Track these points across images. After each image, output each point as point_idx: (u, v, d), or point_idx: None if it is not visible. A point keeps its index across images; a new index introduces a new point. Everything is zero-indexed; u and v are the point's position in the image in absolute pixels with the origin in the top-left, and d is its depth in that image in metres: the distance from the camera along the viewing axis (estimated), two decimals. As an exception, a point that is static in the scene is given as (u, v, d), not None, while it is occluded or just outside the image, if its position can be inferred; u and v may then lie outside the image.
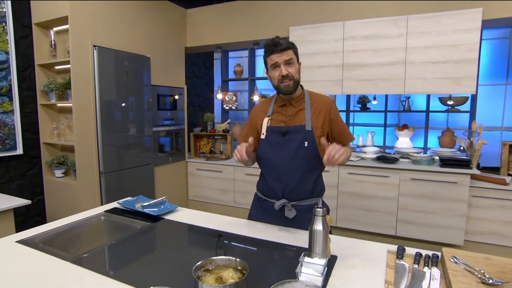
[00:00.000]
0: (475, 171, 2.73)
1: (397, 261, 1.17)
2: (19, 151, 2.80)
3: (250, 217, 1.64)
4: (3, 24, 2.64)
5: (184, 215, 1.69)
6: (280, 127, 1.49)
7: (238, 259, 1.04)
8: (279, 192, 1.50)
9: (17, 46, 2.75)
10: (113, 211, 1.75)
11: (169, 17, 3.84)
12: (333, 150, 1.27)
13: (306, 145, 1.45)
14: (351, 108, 4.39)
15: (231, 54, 5.31)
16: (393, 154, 3.37)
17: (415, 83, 2.98)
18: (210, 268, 1.05)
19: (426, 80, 2.93)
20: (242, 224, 1.56)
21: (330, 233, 1.55)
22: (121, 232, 1.54)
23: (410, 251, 1.26)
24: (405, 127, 3.85)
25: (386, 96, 4.09)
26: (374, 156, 3.28)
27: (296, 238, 1.38)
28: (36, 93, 2.90)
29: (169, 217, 1.66)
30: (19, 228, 1.47)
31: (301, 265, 1.07)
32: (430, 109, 3.80)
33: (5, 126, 2.69)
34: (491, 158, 3.64)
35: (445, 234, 2.85)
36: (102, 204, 2.97)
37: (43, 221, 3.02)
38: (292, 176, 1.47)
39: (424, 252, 1.24)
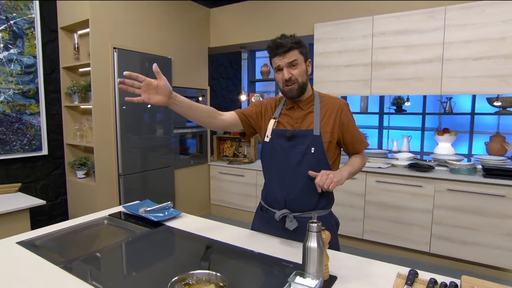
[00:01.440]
0: (525, 183, 2.44)
1: (404, 288, 1.05)
2: (45, 151, 2.98)
3: (253, 228, 1.59)
4: (32, 29, 2.84)
5: (186, 222, 1.68)
6: (286, 131, 1.43)
7: (218, 274, 1.00)
8: (281, 201, 1.43)
9: (44, 50, 2.94)
10: (118, 215, 1.78)
11: (192, 17, 3.90)
12: (322, 179, 1.24)
13: (312, 151, 1.38)
14: (385, 110, 4.16)
15: (258, 54, 5.29)
16: (429, 161, 3.13)
17: (454, 82, 2.73)
18: (191, 282, 1.01)
19: (466, 78, 2.68)
20: (244, 234, 1.51)
21: (338, 249, 1.46)
22: (118, 237, 1.56)
23: (424, 276, 1.13)
24: (446, 131, 3.56)
25: (424, 97, 3.83)
26: (406, 163, 3.06)
27: (297, 253, 1.30)
28: (60, 95, 3.09)
29: (171, 223, 1.65)
30: (42, 226, 1.57)
31: (289, 286, 1.00)
32: (476, 111, 3.48)
33: (32, 127, 2.88)
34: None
35: (489, 255, 2.58)
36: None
37: (66, 220, 3.19)
38: (296, 185, 1.39)
39: (440, 279, 1.10)
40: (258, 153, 4.36)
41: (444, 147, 3.57)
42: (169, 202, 1.86)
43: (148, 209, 1.78)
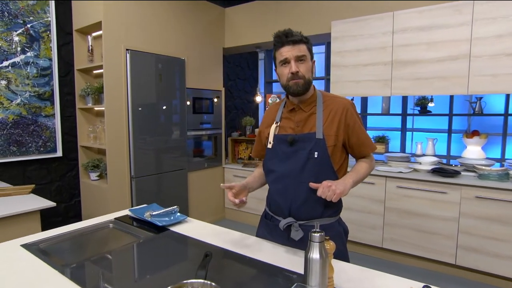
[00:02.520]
0: None
1: (415, 306, 0.99)
2: (59, 153, 3.08)
3: (258, 235, 1.56)
4: (48, 32, 2.94)
5: (191, 228, 1.67)
6: (287, 136, 1.38)
7: (214, 284, 0.97)
8: (285, 210, 1.39)
9: (59, 52, 3.04)
10: (124, 218, 1.80)
11: (206, 17, 3.93)
12: (323, 192, 1.20)
13: (316, 156, 1.32)
14: (408, 111, 4.01)
15: (275, 53, 5.26)
16: (455, 165, 2.98)
17: (483, 80, 2.59)
18: (186, 292, 0.99)
19: (497, 76, 2.53)
20: (248, 241, 1.48)
21: (347, 259, 1.40)
22: (122, 242, 1.57)
23: (439, 293, 1.06)
24: (475, 133, 3.39)
25: (451, 97, 3.66)
26: (430, 168, 2.93)
27: (302, 262, 1.25)
28: (75, 97, 3.18)
29: (175, 228, 1.65)
30: (56, 227, 1.62)
31: (289, 299, 0.96)
32: (510, 111, 3.29)
33: (47, 129, 2.98)
34: None
35: (522, 268, 2.42)
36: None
37: (80, 221, 3.27)
38: (300, 192, 1.35)
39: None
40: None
41: (473, 151, 3.39)
42: (176, 206, 1.85)
43: (154, 213, 1.78)
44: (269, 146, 1.44)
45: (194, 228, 1.65)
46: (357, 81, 3.17)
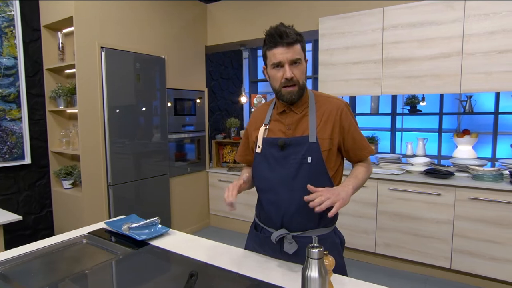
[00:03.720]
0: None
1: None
2: (27, 160, 2.90)
3: (247, 248, 1.47)
4: (11, 27, 2.76)
5: (174, 241, 1.56)
6: (278, 139, 1.29)
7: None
8: (277, 221, 1.30)
9: (26, 50, 2.86)
10: (99, 232, 1.67)
11: (187, 13, 3.81)
12: (316, 201, 1.09)
13: (309, 161, 1.24)
14: (398, 111, 4.01)
15: (259, 52, 5.19)
16: (448, 166, 2.98)
17: (476, 78, 2.58)
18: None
19: (490, 74, 2.53)
20: (237, 256, 1.39)
21: (345, 272, 1.32)
22: (96, 260, 1.45)
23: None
24: (466, 132, 3.41)
25: (441, 96, 3.67)
26: (423, 169, 2.91)
27: (298, 278, 1.17)
28: (44, 99, 3.01)
29: (157, 242, 1.54)
30: (25, 242, 1.47)
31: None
32: (500, 110, 3.32)
33: (13, 134, 2.80)
34: None
35: (518, 271, 2.41)
36: (109, 219, 2.97)
37: (52, 235, 3.09)
38: (293, 201, 1.26)
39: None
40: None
41: (464, 150, 3.41)
42: (156, 218, 1.74)
43: (133, 225, 1.66)
44: (258, 150, 1.36)
45: (178, 242, 1.55)
46: (346, 80, 3.13)
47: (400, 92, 2.93)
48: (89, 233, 1.66)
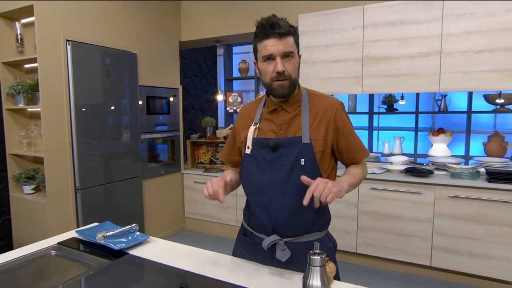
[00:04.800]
0: (534, 188, 2.39)
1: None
2: (-18, 164, 2.66)
3: (235, 254, 1.40)
4: (-37, 17, 2.52)
5: (154, 249, 1.47)
6: (269, 140, 1.24)
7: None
8: (268, 226, 1.24)
9: (-21, 42, 2.63)
10: (70, 243, 1.54)
11: (160, 6, 3.68)
12: (318, 189, 1.02)
13: (303, 163, 1.19)
14: (375, 110, 4.09)
15: (235, 49, 5.12)
16: (427, 164, 3.06)
17: (454, 78, 2.67)
18: None
19: (467, 74, 2.62)
20: (225, 262, 1.32)
21: (338, 277, 1.29)
22: (69, 274, 1.34)
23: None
24: (441, 131, 3.52)
25: (417, 94, 3.78)
26: (403, 167, 2.97)
27: (292, 285, 1.13)
28: (1, 96, 2.78)
29: (136, 251, 1.44)
30: None
31: None
32: (473, 109, 3.46)
33: (-35, 135, 2.56)
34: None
35: (498, 267, 2.51)
36: (78, 227, 2.80)
37: (10, 246, 2.87)
38: (285, 205, 1.21)
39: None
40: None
41: (439, 149, 3.53)
42: (134, 225, 1.64)
43: (108, 234, 1.55)
44: (247, 151, 1.29)
45: (159, 250, 1.46)
46: (327, 78, 3.14)
47: (380, 91, 2.98)
48: (58, 243, 1.53)
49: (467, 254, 2.61)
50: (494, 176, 2.54)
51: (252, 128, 1.30)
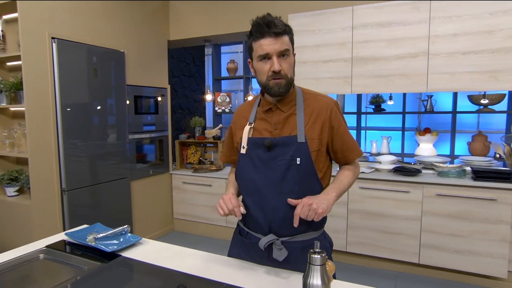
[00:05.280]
0: (518, 185, 2.46)
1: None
2: (-37, 165, 2.57)
3: (231, 255, 1.40)
4: None
5: (148, 251, 1.45)
6: (264, 139, 1.24)
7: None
8: (265, 226, 1.24)
9: (-41, 39, 2.54)
10: (59, 245, 1.50)
11: (148, 4, 3.63)
12: (303, 211, 1.10)
13: (298, 162, 1.20)
14: (363, 110, 4.14)
15: (223, 49, 5.10)
16: (414, 164, 3.12)
17: (441, 78, 2.72)
18: None
19: (454, 75, 2.68)
20: (221, 263, 1.32)
21: (334, 276, 1.30)
22: (59, 278, 1.30)
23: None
24: (427, 131, 3.60)
25: (404, 95, 3.85)
26: (391, 167, 3.02)
27: (290, 285, 1.13)
28: (-17, 95, 2.69)
29: (128, 253, 1.42)
30: None
31: None
32: (458, 109, 3.54)
33: None
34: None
35: (483, 263, 2.58)
36: (64, 229, 2.74)
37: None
38: (281, 205, 1.21)
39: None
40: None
41: (425, 148, 3.60)
42: (126, 226, 1.61)
43: (99, 235, 1.52)
44: (243, 151, 1.29)
45: (152, 251, 1.44)
46: (317, 78, 3.16)
47: (369, 91, 3.02)
48: (46, 246, 1.49)
49: (453, 251, 2.67)
50: (479, 174, 2.61)
51: (247, 128, 1.30)
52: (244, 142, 1.29)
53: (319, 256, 0.91)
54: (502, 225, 2.50)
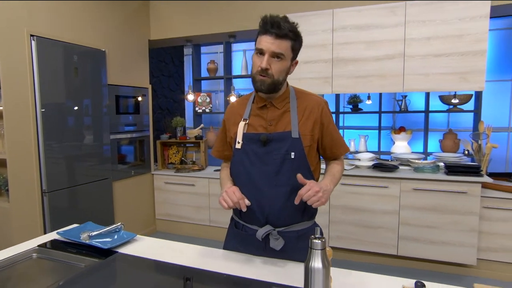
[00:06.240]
0: (486, 178, 2.65)
1: (418, 304, 1.00)
2: None
3: (226, 248, 1.44)
4: None
5: (144, 247, 1.47)
6: (259, 135, 1.30)
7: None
8: (261, 218, 1.30)
9: None
10: (51, 244, 1.50)
11: (128, 3, 3.60)
12: (308, 195, 1.15)
13: (293, 156, 1.27)
14: (341, 110, 4.29)
15: (203, 49, 5.11)
16: (391, 160, 3.27)
17: (416, 79, 2.89)
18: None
19: (428, 75, 2.85)
20: (217, 256, 1.36)
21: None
22: (56, 275, 1.30)
23: (432, 287, 1.10)
24: (402, 129, 3.78)
25: (380, 95, 4.02)
26: (370, 163, 3.16)
27: (287, 273, 1.20)
28: (-43, 94, 2.58)
29: (124, 249, 1.43)
30: None
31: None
32: (430, 109, 3.74)
33: None
34: (496, 163, 3.61)
35: (455, 252, 2.75)
36: (45, 232, 2.68)
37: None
38: (277, 197, 1.28)
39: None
40: (208, 159, 4.18)
41: (400, 146, 3.79)
42: (120, 224, 1.63)
43: (94, 233, 1.52)
44: (238, 146, 1.35)
45: (148, 247, 1.46)
46: (299, 78, 3.25)
47: (349, 91, 3.14)
48: (38, 246, 1.47)
49: (428, 242, 2.83)
50: (452, 169, 2.79)
51: (242, 123, 1.35)
52: (239, 138, 1.34)
53: (319, 241, 0.98)
54: (471, 216, 2.69)
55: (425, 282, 1.09)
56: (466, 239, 2.71)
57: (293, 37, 1.24)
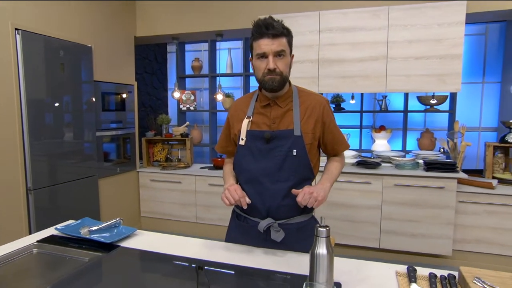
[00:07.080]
0: (462, 174, 2.83)
1: (411, 287, 1.09)
2: None
3: (228, 240, 1.50)
4: None
5: (144, 241, 1.50)
6: (263, 132, 1.36)
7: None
8: (263, 211, 1.37)
9: None
10: (50, 240, 1.50)
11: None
12: (304, 198, 1.24)
13: (295, 153, 1.34)
14: (325, 108, 4.40)
15: (187, 47, 5.10)
16: (373, 158, 3.41)
17: (398, 80, 3.04)
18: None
19: (409, 77, 3.00)
20: (219, 247, 1.41)
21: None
22: (63, 268, 1.31)
23: (422, 271, 1.20)
24: (382, 128, 3.94)
25: (362, 95, 4.16)
26: (354, 161, 3.28)
27: (287, 262, 1.27)
28: None
29: (126, 243, 1.46)
30: None
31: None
32: (408, 108, 3.92)
33: None
34: (469, 160, 3.85)
35: (432, 244, 2.92)
36: (30, 231, 2.63)
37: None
38: (278, 191, 1.35)
39: (438, 273, 1.18)
40: (194, 157, 4.19)
41: (381, 144, 3.95)
42: (118, 219, 1.65)
43: (94, 228, 1.54)
44: (242, 142, 1.40)
45: (151, 241, 1.50)
46: (286, 77, 3.32)
47: (335, 91, 3.26)
48: (38, 241, 1.47)
49: (409, 235, 2.98)
50: (430, 166, 2.95)
51: (245, 121, 1.41)
52: (243, 135, 1.39)
53: (324, 229, 1.05)
54: (448, 210, 2.86)
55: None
56: (443, 232, 2.89)
57: (287, 33, 1.33)
